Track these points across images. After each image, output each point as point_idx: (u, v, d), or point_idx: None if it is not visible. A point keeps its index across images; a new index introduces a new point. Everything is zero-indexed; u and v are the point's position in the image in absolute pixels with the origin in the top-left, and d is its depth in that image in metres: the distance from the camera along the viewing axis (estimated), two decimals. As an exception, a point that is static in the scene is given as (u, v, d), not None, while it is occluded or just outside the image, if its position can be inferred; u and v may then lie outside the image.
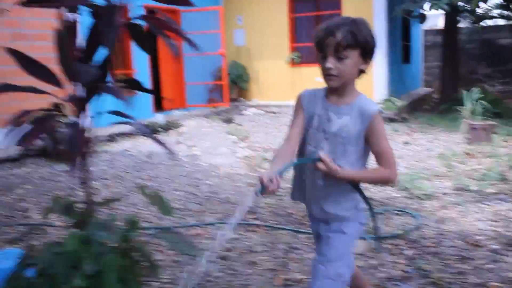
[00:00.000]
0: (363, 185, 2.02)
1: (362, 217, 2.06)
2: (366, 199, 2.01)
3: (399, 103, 10.19)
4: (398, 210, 4.25)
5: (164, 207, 2.12)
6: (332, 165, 1.83)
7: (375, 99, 10.75)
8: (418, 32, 15.12)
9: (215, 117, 10.66)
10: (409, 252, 3.35)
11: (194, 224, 4.06)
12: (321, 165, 1.84)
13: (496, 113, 8.50)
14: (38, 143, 2.16)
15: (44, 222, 4.20)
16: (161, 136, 8.67)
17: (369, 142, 1.92)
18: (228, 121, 10.19)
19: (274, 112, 11.09)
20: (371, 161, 2.00)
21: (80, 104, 2.21)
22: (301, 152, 2.04)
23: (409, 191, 4.77)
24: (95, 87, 2.20)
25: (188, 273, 2.49)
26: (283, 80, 11.53)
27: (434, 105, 11.99)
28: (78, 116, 2.21)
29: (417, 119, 9.91)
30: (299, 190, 2.12)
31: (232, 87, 11.81)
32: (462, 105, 7.58)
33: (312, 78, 11.43)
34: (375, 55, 1.95)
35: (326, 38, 1.82)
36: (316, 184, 1.99)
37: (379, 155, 1.92)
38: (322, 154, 1.85)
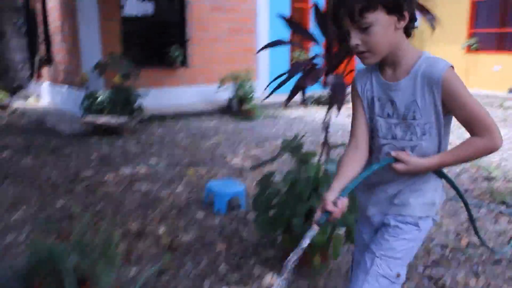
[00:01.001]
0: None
1: (436, 212, 1.70)
2: (456, 189, 1.72)
3: None
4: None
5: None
6: (412, 162, 1.55)
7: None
8: None
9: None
10: None
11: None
12: (399, 166, 1.56)
13: None
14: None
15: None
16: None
17: (450, 111, 1.52)
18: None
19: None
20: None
21: (335, 60, 2.69)
22: (371, 146, 1.68)
23: None
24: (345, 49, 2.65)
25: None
26: (456, 67, 11.13)
27: None
28: (330, 72, 2.67)
29: None
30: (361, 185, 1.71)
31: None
32: None
33: (489, 66, 10.97)
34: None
35: (337, 10, 1.48)
36: (388, 178, 1.66)
37: (468, 122, 1.50)
38: (395, 153, 1.57)
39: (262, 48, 2.80)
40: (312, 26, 2.87)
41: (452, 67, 1.48)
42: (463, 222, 3.60)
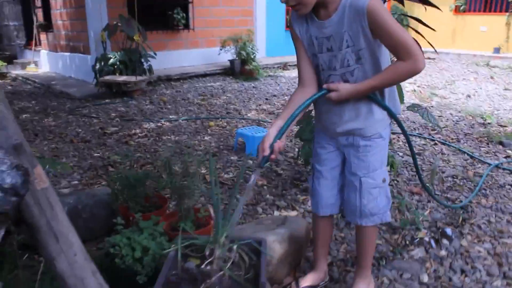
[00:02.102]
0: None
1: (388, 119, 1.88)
2: (388, 111, 1.84)
3: None
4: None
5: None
6: (344, 90, 1.73)
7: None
8: None
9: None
10: None
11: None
12: (332, 95, 1.75)
13: None
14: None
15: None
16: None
17: (379, 38, 1.66)
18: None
19: (431, 58, 11.31)
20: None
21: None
22: (319, 80, 1.85)
23: None
24: None
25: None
26: (444, 28, 11.55)
27: None
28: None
29: None
30: (319, 121, 1.98)
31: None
32: None
33: (476, 27, 11.38)
34: None
35: None
36: (333, 109, 1.85)
37: (393, 48, 1.65)
38: (325, 85, 1.76)
39: None
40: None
41: None
42: (466, 158, 4.05)
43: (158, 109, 5.96)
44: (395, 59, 1.68)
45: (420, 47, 1.67)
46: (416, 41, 1.69)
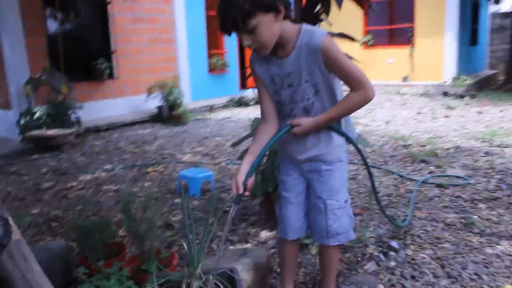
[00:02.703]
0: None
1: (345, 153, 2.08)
2: (347, 138, 2.02)
3: (468, 81, 10.87)
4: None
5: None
6: (305, 124, 1.89)
7: (444, 78, 11.48)
8: (486, 15, 15.53)
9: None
10: (498, 176, 4.29)
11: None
12: (296, 130, 1.91)
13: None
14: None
15: (196, 161, 5.45)
16: (254, 108, 9.93)
17: (333, 73, 1.85)
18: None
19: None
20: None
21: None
22: (280, 114, 2.01)
23: (490, 142, 5.66)
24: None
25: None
26: (356, 61, 12.33)
27: (500, 85, 12.52)
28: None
29: (485, 95, 10.56)
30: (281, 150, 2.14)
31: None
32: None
33: (384, 59, 12.31)
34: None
35: (224, 25, 1.70)
36: (295, 139, 2.00)
37: (346, 81, 1.83)
38: (289, 121, 1.92)
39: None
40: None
41: (328, 34, 1.78)
42: (396, 178, 4.38)
43: (91, 160, 5.85)
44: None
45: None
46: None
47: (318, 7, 3.10)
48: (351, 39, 3.13)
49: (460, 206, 3.56)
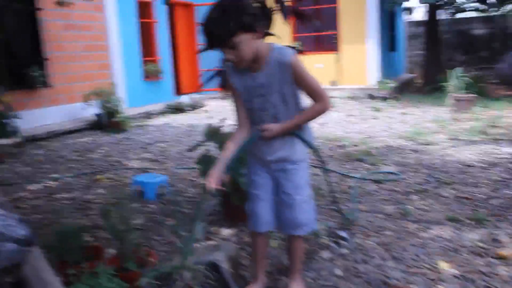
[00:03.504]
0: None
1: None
2: (307, 143, 2.32)
3: (391, 84, 11.71)
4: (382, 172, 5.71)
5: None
6: (274, 129, 2.18)
7: (369, 81, 12.28)
8: (401, 24, 16.71)
9: (227, 98, 12.04)
10: (425, 171, 4.83)
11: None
12: (265, 134, 2.19)
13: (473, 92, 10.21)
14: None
15: (141, 167, 5.58)
16: (191, 113, 10.13)
17: (298, 86, 2.15)
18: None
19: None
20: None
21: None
22: (252, 121, 2.27)
23: (415, 141, 6.27)
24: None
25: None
26: (286, 66, 12.87)
27: (419, 87, 13.57)
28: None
29: (407, 98, 11.44)
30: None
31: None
32: (445, 86, 9.10)
33: (311, 65, 12.91)
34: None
35: (211, 42, 1.98)
36: (264, 142, 2.26)
37: (310, 93, 2.17)
38: (259, 127, 2.20)
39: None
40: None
41: (295, 53, 2.12)
42: (336, 176, 4.79)
43: (36, 170, 5.78)
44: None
45: None
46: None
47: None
48: (301, 52, 3.46)
49: (396, 199, 4.01)
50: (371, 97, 11.42)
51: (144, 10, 10.69)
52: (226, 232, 3.42)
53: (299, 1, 3.98)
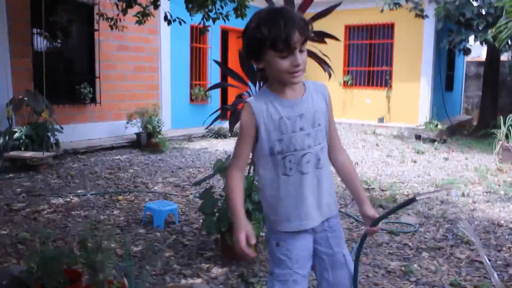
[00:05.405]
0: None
1: None
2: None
3: (440, 126, 11.30)
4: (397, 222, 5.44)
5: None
6: (372, 215, 1.90)
7: (419, 121, 11.92)
8: (462, 63, 16.16)
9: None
10: (447, 226, 4.57)
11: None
12: (375, 228, 1.90)
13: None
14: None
15: (165, 192, 5.66)
16: (231, 139, 10.19)
17: (329, 119, 1.91)
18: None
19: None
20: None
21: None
22: (276, 164, 1.82)
23: (448, 190, 5.98)
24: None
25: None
26: (335, 100, 12.76)
27: (473, 131, 12.99)
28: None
29: (456, 141, 10.99)
30: (294, 208, 1.85)
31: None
32: (496, 132, 8.65)
33: (362, 99, 12.75)
34: None
35: (293, 34, 1.67)
36: (314, 180, 1.85)
37: (334, 135, 1.94)
38: (366, 229, 1.93)
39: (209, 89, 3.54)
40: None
41: None
42: (352, 222, 4.63)
43: (65, 183, 6.02)
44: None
45: None
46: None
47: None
48: (335, 38, 3.40)
49: (404, 254, 3.82)
50: (418, 137, 11.05)
51: (198, 35, 10.98)
52: (216, 270, 3.38)
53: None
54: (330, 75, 3.40)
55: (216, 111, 3.67)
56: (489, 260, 3.73)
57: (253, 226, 2.42)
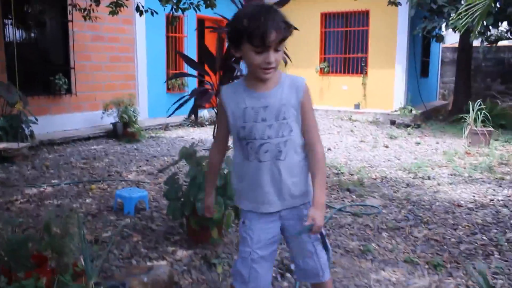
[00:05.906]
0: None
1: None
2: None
3: (415, 111, 11.52)
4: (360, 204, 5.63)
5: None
6: (319, 215, 1.86)
7: (394, 107, 12.13)
8: (438, 49, 16.41)
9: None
10: (410, 207, 4.76)
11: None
12: (316, 227, 1.86)
13: (501, 125, 9.96)
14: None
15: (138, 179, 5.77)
16: (208, 128, 10.28)
17: (303, 115, 1.94)
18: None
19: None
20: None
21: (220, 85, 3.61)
22: (242, 148, 1.97)
23: (415, 174, 6.18)
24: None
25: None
26: (312, 87, 12.92)
27: (447, 116, 13.26)
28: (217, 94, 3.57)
29: (430, 126, 11.23)
30: (251, 190, 2.00)
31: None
32: (466, 117, 8.87)
33: (339, 86, 12.91)
34: None
35: (270, 34, 1.75)
36: (274, 170, 1.95)
37: (310, 127, 1.95)
38: (306, 223, 1.87)
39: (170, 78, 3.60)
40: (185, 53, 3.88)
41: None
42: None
43: (40, 174, 6.08)
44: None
45: None
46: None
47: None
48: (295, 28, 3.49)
49: (364, 235, 4.00)
50: (393, 123, 11.27)
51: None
52: (181, 253, 3.51)
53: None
54: (286, 63, 3.49)
55: (178, 100, 3.75)
56: (444, 237, 3.93)
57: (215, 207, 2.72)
